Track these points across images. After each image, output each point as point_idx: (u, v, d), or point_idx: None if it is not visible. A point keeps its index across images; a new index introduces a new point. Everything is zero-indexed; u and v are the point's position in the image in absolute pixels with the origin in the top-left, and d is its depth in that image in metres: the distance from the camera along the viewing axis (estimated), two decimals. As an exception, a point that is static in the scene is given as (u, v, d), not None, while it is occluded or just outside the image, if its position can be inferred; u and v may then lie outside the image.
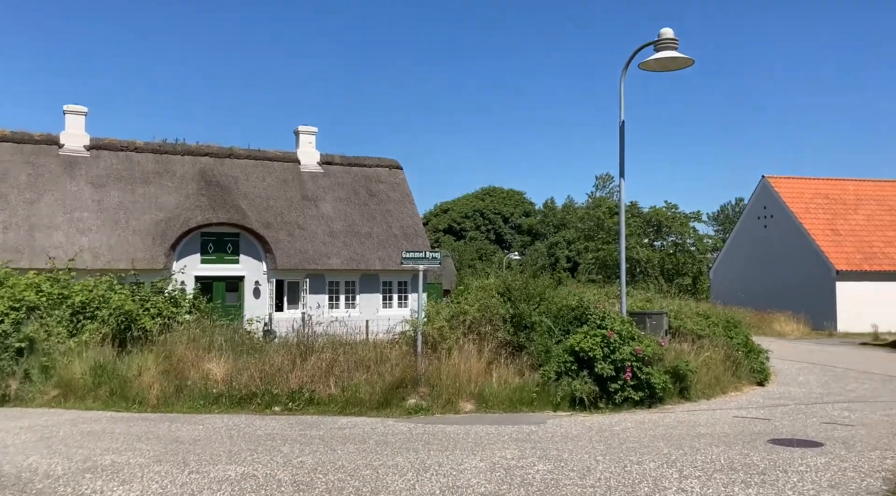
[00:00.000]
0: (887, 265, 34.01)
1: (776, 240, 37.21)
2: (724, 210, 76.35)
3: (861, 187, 38.73)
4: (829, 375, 17.19)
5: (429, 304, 14.66)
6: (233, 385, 12.27)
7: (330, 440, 9.61)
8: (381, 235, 28.69)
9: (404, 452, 8.87)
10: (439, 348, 13.01)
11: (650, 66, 13.61)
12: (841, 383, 15.72)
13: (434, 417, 11.63)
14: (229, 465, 8.13)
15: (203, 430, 10.28)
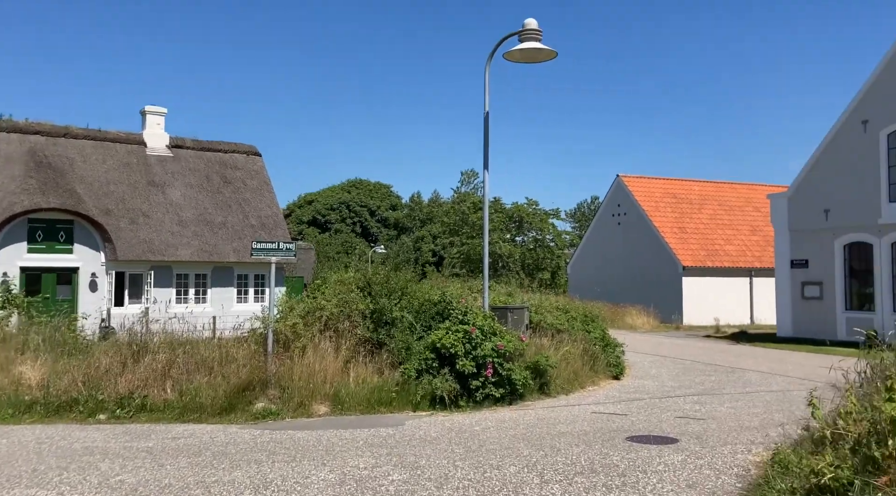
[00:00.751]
0: (727, 261, 36.32)
1: (629, 236, 38.82)
2: (581, 207, 79.50)
3: (705, 188, 41.21)
4: (679, 368, 17.78)
5: (282, 299, 13.66)
6: (50, 391, 10.77)
7: (159, 453, 8.50)
8: (237, 225, 27.07)
9: (244, 465, 7.95)
10: (293, 347, 12.09)
11: (514, 57, 13.36)
12: (690, 376, 16.25)
13: (284, 422, 10.73)
14: (29, 489, 6.90)
15: (6, 445, 8.84)
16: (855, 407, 6.44)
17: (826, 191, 24.96)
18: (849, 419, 6.33)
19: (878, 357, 8.64)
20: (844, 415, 6.55)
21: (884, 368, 8.12)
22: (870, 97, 23.72)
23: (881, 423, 5.65)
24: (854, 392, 7.34)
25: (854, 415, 6.23)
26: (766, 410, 11.72)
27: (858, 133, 23.99)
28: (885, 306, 23.12)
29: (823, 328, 24.79)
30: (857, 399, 6.72)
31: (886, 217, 23.06)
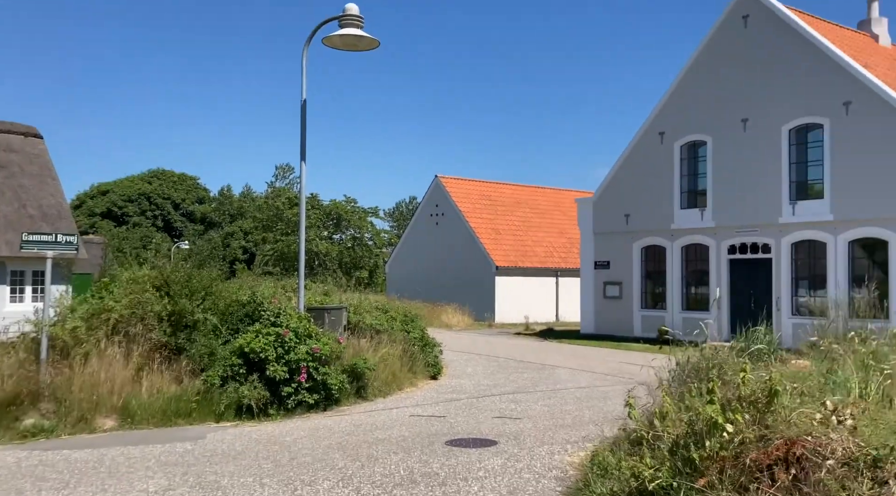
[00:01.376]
0: (537, 262, 37.91)
1: (446, 236, 39.35)
2: (400, 207, 79.99)
3: (518, 191, 42.82)
4: (494, 366, 17.98)
5: (61, 300, 11.93)
6: None
7: None
8: (12, 216, 23.78)
9: (0, 499, 6.61)
10: (73, 354, 10.54)
11: (334, 43, 12.71)
12: (504, 373, 16.44)
13: (59, 440, 9.27)
14: None
15: None
16: (671, 407, 6.49)
17: (627, 197, 26.66)
18: (666, 420, 6.36)
19: (684, 355, 8.89)
20: (660, 415, 6.59)
21: (693, 366, 8.36)
22: (666, 111, 25.63)
23: (699, 424, 5.68)
24: (667, 391, 7.48)
25: (671, 415, 6.26)
26: (578, 408, 11.97)
27: (656, 144, 25.86)
28: (675, 305, 25.07)
29: (622, 325, 26.44)
30: (672, 399, 6.81)
31: (678, 223, 25.03)
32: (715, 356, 8.18)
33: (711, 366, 7.82)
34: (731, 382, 6.06)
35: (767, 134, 22.52)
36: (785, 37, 22.35)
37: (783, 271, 22.12)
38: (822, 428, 4.80)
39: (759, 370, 6.62)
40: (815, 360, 8.71)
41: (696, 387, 6.87)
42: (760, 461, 4.80)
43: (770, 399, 5.21)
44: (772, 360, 9.02)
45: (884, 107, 19.92)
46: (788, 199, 22.08)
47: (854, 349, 9.19)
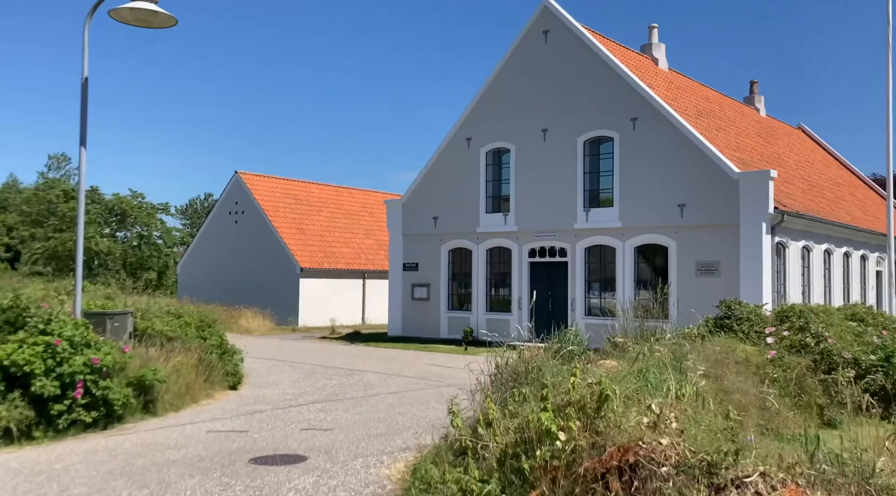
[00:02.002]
0: (343, 264, 37.23)
1: (246, 236, 37.46)
2: (194, 204, 75.26)
3: (324, 191, 41.84)
4: (299, 373, 17.10)
5: None
6: None
7: None
8: None
9: None
10: None
11: (123, 17, 11.26)
12: (311, 380, 15.65)
13: None
14: None
15: None
16: (496, 414, 6.23)
17: (435, 200, 26.89)
18: (492, 428, 6.08)
19: (502, 357, 8.75)
20: (485, 423, 6.31)
21: (512, 370, 8.21)
22: (473, 117, 26.20)
23: (528, 432, 5.44)
24: (491, 397, 7.24)
25: (497, 423, 5.99)
26: (391, 415, 11.54)
27: (463, 149, 26.33)
28: (479, 306, 25.66)
29: (429, 327, 26.60)
30: (496, 405, 6.56)
31: (484, 226, 25.65)
32: (534, 358, 8.09)
33: (530, 370, 7.71)
34: (559, 387, 5.90)
35: (565, 144, 23.73)
36: (581, 53, 23.69)
37: (578, 274, 23.39)
38: (652, 432, 4.72)
39: (585, 373, 6.54)
40: (626, 361, 8.96)
41: (520, 393, 6.68)
42: (594, 470, 4.62)
43: (600, 404, 5.07)
44: (582, 361, 9.16)
45: (665, 124, 21.71)
46: (583, 206, 23.40)
47: (654, 348, 9.62)
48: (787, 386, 10.18)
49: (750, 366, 10.61)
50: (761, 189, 19.69)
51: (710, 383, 8.63)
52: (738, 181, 20.07)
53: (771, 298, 19.54)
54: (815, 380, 10.44)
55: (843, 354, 10.60)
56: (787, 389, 10.11)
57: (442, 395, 13.46)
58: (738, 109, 30.88)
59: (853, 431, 9.99)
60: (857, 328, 11.63)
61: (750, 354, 11.07)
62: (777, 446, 5.12)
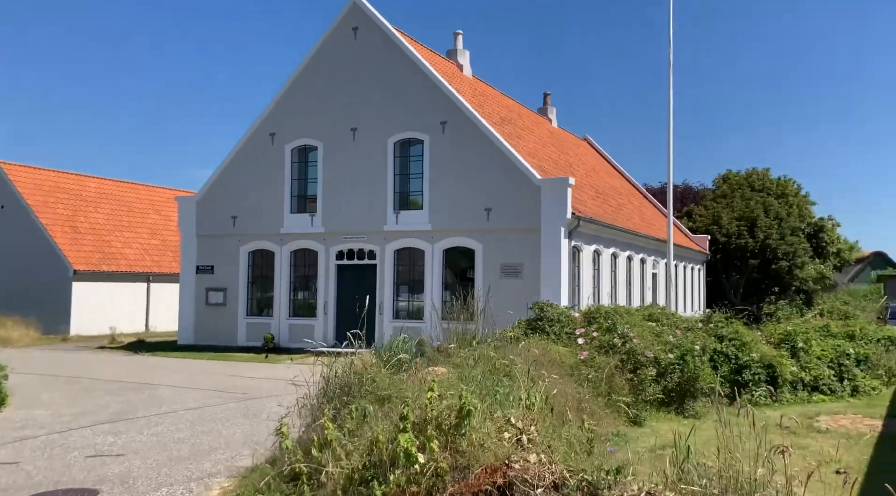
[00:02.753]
0: (125, 266, 33.92)
1: (8, 235, 32.86)
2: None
3: (103, 185, 37.88)
4: (77, 389, 15.04)
5: None
6: None
7: None
8: None
9: None
10: None
11: None
12: (93, 398, 13.76)
13: None
14: None
15: None
16: (333, 434, 5.57)
17: (235, 198, 25.24)
18: (329, 450, 5.42)
19: (331, 368, 8.05)
20: (320, 444, 5.63)
21: (342, 382, 7.55)
22: (278, 112, 24.95)
23: (377, 455, 4.86)
24: (324, 414, 6.55)
25: (336, 444, 5.33)
26: (193, 434, 10.35)
27: (266, 145, 24.97)
28: (282, 311, 24.45)
29: (226, 334, 24.90)
30: (333, 424, 5.89)
31: (288, 227, 24.48)
32: (367, 368, 7.50)
33: (364, 381, 7.12)
34: (412, 402, 5.38)
35: (375, 144, 23.33)
36: (390, 53, 23.45)
37: (387, 277, 23.07)
38: (517, 449, 4.37)
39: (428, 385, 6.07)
40: (452, 366, 8.66)
41: (359, 408, 6.07)
42: (461, 494, 4.16)
43: (461, 420, 4.63)
44: (413, 369, 8.73)
45: (473, 129, 22.09)
46: (393, 208, 23.14)
47: (484, 354, 9.44)
48: (599, 385, 10.51)
49: (564, 367, 10.84)
50: (561, 195, 20.64)
51: (537, 386, 8.62)
52: (539, 187, 20.89)
53: (568, 299, 20.55)
54: (622, 379, 10.89)
55: (646, 354, 11.19)
56: (600, 389, 10.43)
57: (248, 410, 12.42)
58: (534, 119, 32.44)
59: (657, 427, 10.58)
60: (655, 328, 12.39)
61: (564, 355, 11.33)
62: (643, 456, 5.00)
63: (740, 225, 38.30)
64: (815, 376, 13.14)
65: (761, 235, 37.72)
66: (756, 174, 43.22)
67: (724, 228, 38.27)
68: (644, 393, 10.74)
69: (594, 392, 10.17)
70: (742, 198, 40.01)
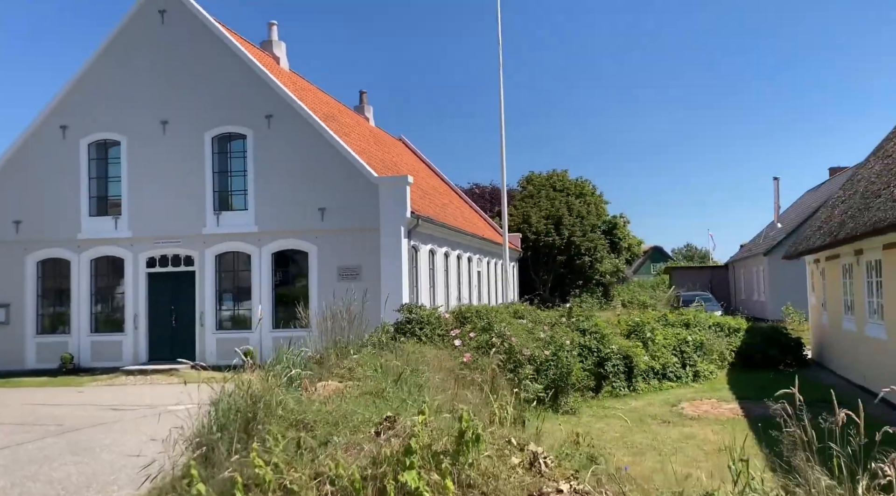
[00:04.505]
0: None
1: None
2: None
3: None
4: None
5: None
6: None
7: None
8: None
9: None
10: None
11: None
12: None
13: None
14: None
15: None
16: (267, 473, 4.50)
17: (17, 200, 21.73)
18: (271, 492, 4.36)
19: (220, 390, 6.78)
20: (248, 486, 4.55)
21: (235, 407, 6.32)
22: (70, 102, 21.87)
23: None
24: (210, 447, 5.39)
25: (289, 484, 4.29)
26: (15, 481, 8.40)
27: (57, 139, 21.78)
28: (82, 327, 21.43)
29: (10, 357, 21.33)
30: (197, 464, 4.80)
31: (87, 232, 21.51)
32: (266, 390, 6.33)
33: (272, 404, 5.98)
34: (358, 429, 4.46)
35: (190, 139, 21.24)
36: (204, 41, 21.48)
37: (207, 284, 21.07)
38: (535, 477, 3.69)
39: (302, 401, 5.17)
40: (361, 380, 7.73)
41: (281, 437, 4.99)
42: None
43: (461, 447, 3.84)
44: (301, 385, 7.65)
45: (302, 124, 20.84)
46: (213, 209, 21.20)
47: (369, 363, 8.62)
48: (482, 387, 10.08)
49: (445, 371, 10.28)
50: (400, 194, 20.07)
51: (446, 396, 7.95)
52: (377, 186, 20.16)
53: (409, 300, 20.04)
54: (504, 379, 10.55)
55: (524, 352, 10.95)
56: (483, 390, 10.00)
57: (76, 445, 10.45)
58: (353, 117, 31.61)
59: (543, 428, 10.37)
60: (527, 325, 12.22)
61: (442, 359, 10.77)
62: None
63: (548, 223, 40.24)
64: (664, 364, 13.76)
65: (566, 233, 39.91)
66: (556, 175, 45.76)
67: (534, 227, 40.01)
68: (525, 392, 10.47)
69: (480, 395, 9.71)
70: (547, 198, 42.09)
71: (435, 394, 7.24)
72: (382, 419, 4.61)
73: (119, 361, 20.92)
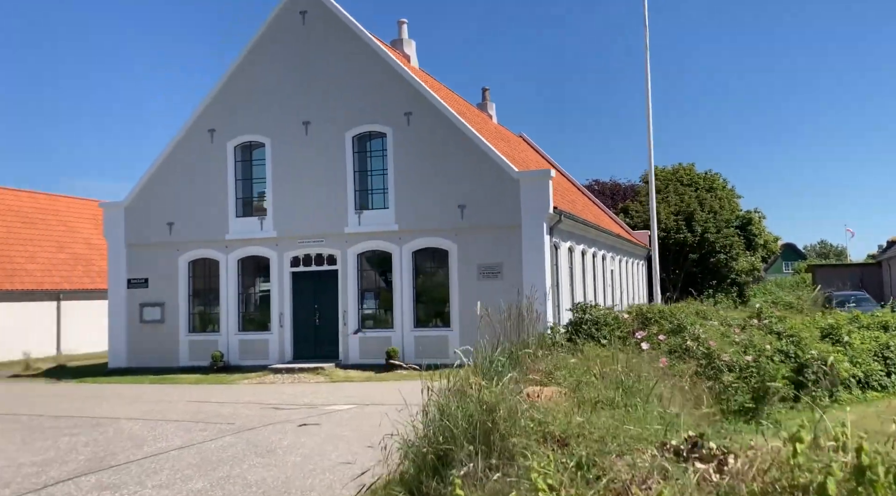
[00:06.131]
0: (31, 283, 30.24)
1: None
2: None
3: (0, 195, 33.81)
4: (19, 428, 12.48)
5: None
6: None
7: None
8: None
9: None
10: None
11: None
12: (47, 440, 11.31)
13: None
14: None
15: None
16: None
17: (171, 203, 22.62)
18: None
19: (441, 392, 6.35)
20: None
21: (464, 413, 5.83)
22: (217, 106, 22.54)
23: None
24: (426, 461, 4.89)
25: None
26: (213, 483, 8.33)
27: (205, 143, 22.51)
28: (230, 325, 22.04)
29: (165, 355, 22.24)
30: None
31: (234, 233, 22.11)
32: (499, 396, 5.78)
33: (516, 414, 5.45)
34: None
35: (331, 139, 21.41)
36: (344, 39, 21.59)
37: (350, 284, 21.15)
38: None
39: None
40: (558, 385, 7.15)
41: (545, 462, 4.44)
42: None
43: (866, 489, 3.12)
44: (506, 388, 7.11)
45: (442, 121, 20.55)
46: (354, 208, 21.27)
47: (569, 365, 8.01)
48: (683, 395, 9.28)
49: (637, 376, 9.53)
50: (542, 189, 19.42)
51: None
52: (518, 181, 19.60)
53: (551, 300, 19.35)
54: (702, 388, 9.69)
55: (722, 357, 10.04)
56: (687, 402, 9.21)
57: (256, 445, 10.35)
58: (478, 114, 31.22)
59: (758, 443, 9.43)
60: (719, 328, 11.29)
61: (633, 364, 10.02)
62: None
63: (678, 219, 38.51)
64: (866, 372, 12.45)
65: (699, 229, 38.04)
66: (683, 169, 43.80)
67: (663, 223, 38.37)
68: (729, 402, 9.56)
69: (684, 406, 8.92)
70: (675, 192, 40.31)
71: (667, 406, 6.53)
72: (685, 439, 3.99)
73: (265, 359, 21.31)
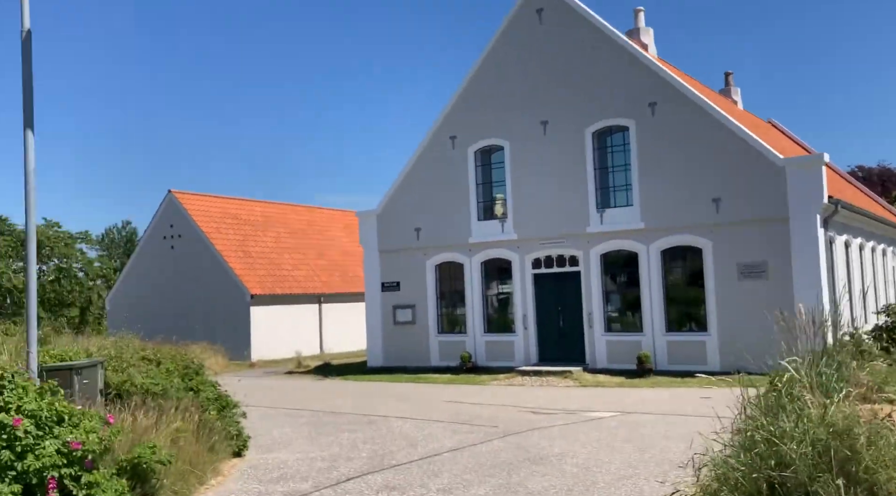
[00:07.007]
0: (297, 288, 33.40)
1: (186, 262, 33.15)
2: (111, 233, 68.93)
3: (267, 209, 37.88)
4: (304, 423, 13.59)
5: None
6: None
7: None
8: None
9: None
10: None
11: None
12: (330, 435, 12.17)
13: None
14: None
15: None
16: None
17: (417, 209, 23.70)
18: None
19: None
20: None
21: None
22: (457, 112, 23.21)
23: None
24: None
25: None
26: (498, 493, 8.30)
27: (447, 149, 23.28)
28: (476, 327, 22.53)
29: (417, 354, 23.29)
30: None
31: (476, 236, 22.59)
32: (853, 420, 4.98)
33: (879, 444, 4.64)
34: None
35: (570, 137, 21.04)
36: (582, 33, 21.11)
37: (593, 285, 20.62)
38: None
39: None
40: None
41: None
42: None
43: None
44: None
45: (692, 109, 19.33)
46: (595, 206, 20.71)
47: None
48: None
49: None
50: (813, 177, 17.50)
51: None
52: (783, 168, 17.82)
53: (828, 301, 17.28)
54: None
55: None
56: None
57: (526, 452, 10.17)
58: (723, 100, 29.07)
59: None
60: None
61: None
62: None
63: (970, 205, 33.00)
64: None
65: None
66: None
67: (950, 210, 33.08)
68: None
69: None
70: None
71: None
72: None
73: (511, 361, 21.45)
